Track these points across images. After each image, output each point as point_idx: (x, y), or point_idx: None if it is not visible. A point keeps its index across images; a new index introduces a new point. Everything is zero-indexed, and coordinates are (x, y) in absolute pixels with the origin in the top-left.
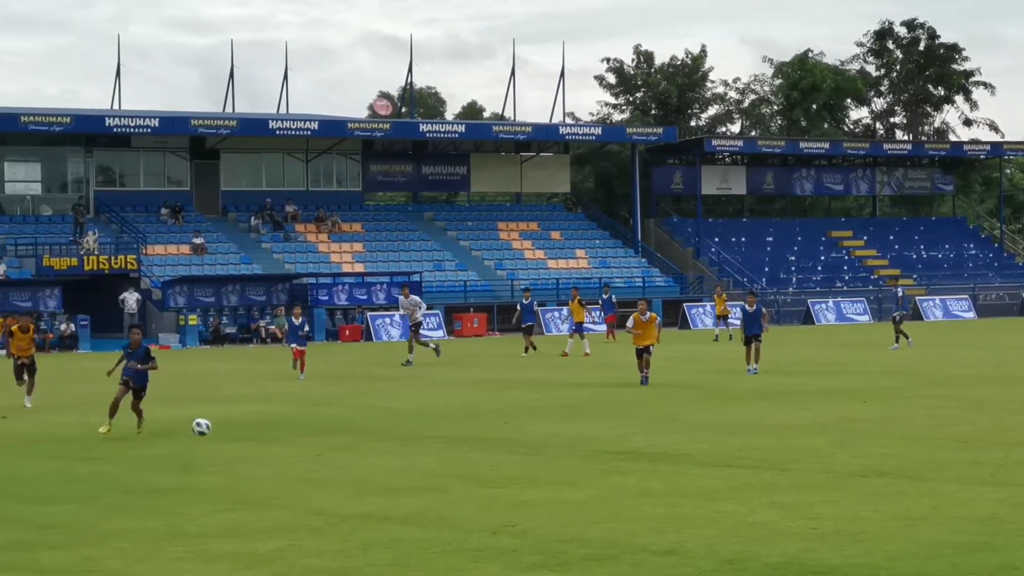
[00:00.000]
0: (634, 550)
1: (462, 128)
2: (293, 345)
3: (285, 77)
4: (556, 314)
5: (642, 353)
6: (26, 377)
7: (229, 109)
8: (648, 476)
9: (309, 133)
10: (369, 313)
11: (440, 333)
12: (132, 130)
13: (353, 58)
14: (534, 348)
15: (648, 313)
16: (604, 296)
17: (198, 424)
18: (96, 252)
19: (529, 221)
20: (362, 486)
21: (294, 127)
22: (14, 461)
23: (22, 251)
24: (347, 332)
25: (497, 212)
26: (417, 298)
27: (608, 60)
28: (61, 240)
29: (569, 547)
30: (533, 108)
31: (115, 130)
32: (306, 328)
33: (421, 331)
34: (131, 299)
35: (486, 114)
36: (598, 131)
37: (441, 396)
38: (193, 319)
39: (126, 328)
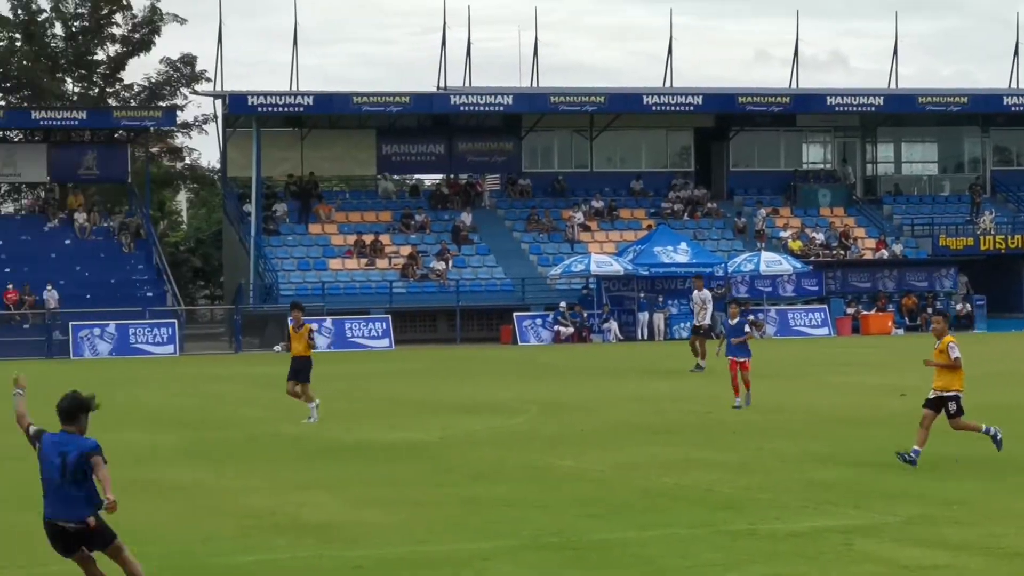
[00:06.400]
0: None
1: None
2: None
3: None
4: None
5: None
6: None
7: None
8: None
9: None
10: None
11: None
12: None
13: None
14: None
15: None
16: None
17: None
18: (992, 232)
19: None
20: None
21: None
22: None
23: (918, 231)
24: None
25: None
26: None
27: None
28: (957, 220)
29: None
30: None
31: (1012, 109)
32: (747, 330)
33: None
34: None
35: None
36: None
37: None
38: None
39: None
